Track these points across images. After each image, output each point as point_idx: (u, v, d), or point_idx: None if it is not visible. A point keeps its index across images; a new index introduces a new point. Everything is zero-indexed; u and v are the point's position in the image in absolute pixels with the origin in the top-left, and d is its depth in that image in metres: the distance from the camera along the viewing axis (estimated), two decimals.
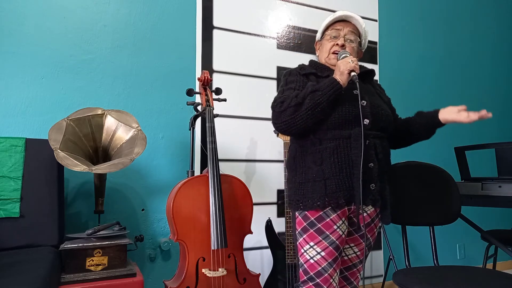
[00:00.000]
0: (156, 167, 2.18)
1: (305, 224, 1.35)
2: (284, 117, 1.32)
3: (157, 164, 2.18)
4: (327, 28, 1.50)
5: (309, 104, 1.27)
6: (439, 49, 3.25)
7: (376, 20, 2.95)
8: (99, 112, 1.83)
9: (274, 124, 1.37)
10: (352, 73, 1.28)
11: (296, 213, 1.39)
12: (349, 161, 1.28)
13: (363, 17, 2.88)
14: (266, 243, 2.19)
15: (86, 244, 1.48)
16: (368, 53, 2.89)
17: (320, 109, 1.27)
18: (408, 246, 1.83)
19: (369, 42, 2.90)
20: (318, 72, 1.43)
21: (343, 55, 1.36)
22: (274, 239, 2.15)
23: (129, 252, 1.64)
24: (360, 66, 1.51)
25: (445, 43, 3.29)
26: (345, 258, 1.42)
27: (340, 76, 1.29)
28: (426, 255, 2.94)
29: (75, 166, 1.54)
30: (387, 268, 2.45)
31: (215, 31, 2.39)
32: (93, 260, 1.48)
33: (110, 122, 1.83)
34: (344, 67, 1.28)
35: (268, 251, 2.18)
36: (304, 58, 2.63)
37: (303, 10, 2.67)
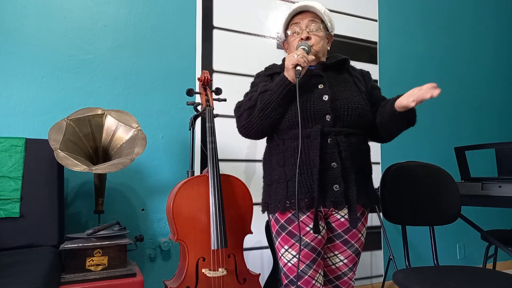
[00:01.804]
0: (156, 167, 2.18)
1: (277, 227, 1.32)
2: (241, 121, 1.31)
3: (157, 164, 2.18)
4: (287, 26, 1.44)
5: (260, 105, 1.25)
6: (439, 49, 3.25)
7: (376, 20, 2.95)
8: (99, 112, 1.83)
9: (237, 129, 1.35)
10: (297, 67, 1.21)
11: (270, 215, 1.37)
12: (309, 161, 1.23)
13: (363, 17, 2.89)
14: (266, 243, 2.19)
15: (86, 244, 1.48)
16: (368, 53, 2.89)
17: (271, 109, 1.24)
18: (408, 246, 1.83)
19: (369, 42, 2.91)
20: (282, 71, 1.33)
21: (300, 47, 1.29)
22: None
23: (129, 252, 1.64)
24: (335, 56, 1.44)
25: (445, 43, 3.29)
26: (333, 267, 1.36)
27: (286, 72, 1.24)
28: (426, 255, 2.94)
29: (75, 166, 1.53)
30: (387, 268, 2.45)
31: (215, 31, 2.39)
32: (93, 260, 1.48)
33: (110, 122, 1.83)
34: (288, 62, 1.23)
35: (268, 251, 2.18)
36: None
37: None
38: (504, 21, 3.65)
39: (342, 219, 1.32)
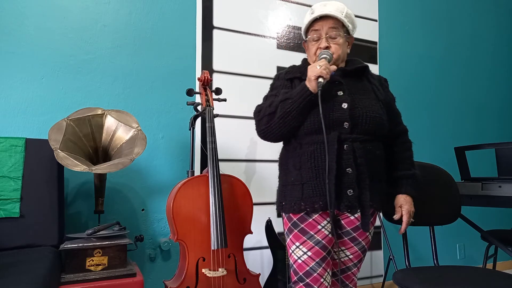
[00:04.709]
0: (156, 167, 2.18)
1: (289, 224, 1.36)
2: (261, 125, 1.34)
3: (157, 164, 2.18)
4: (307, 30, 1.44)
5: (280, 113, 1.28)
6: (439, 49, 3.25)
7: (376, 20, 2.95)
8: (99, 112, 1.83)
9: (256, 131, 1.39)
10: (319, 79, 1.23)
11: (283, 214, 1.41)
12: (325, 166, 1.26)
13: (363, 17, 2.88)
14: (266, 243, 2.19)
15: (86, 244, 1.48)
16: (368, 53, 2.89)
17: (291, 117, 1.28)
18: (408, 246, 1.83)
19: (369, 42, 2.90)
20: (303, 75, 1.36)
21: (321, 56, 1.32)
22: (274, 239, 2.15)
23: (129, 252, 1.64)
24: (354, 60, 1.45)
25: (445, 43, 3.29)
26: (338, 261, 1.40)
27: (308, 82, 1.26)
28: (426, 255, 2.94)
29: (75, 166, 1.53)
30: (387, 268, 2.45)
31: (215, 31, 2.39)
32: (93, 260, 1.48)
33: (110, 122, 1.83)
34: (311, 73, 1.25)
35: (268, 251, 2.18)
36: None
37: (303, 10, 2.67)
38: (503, 21, 3.65)
39: (352, 218, 1.36)
